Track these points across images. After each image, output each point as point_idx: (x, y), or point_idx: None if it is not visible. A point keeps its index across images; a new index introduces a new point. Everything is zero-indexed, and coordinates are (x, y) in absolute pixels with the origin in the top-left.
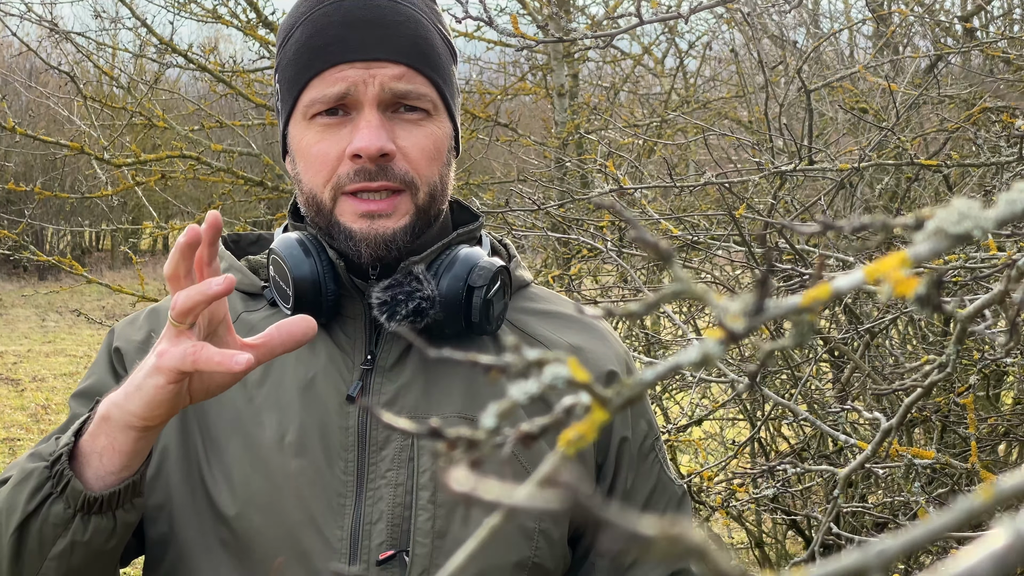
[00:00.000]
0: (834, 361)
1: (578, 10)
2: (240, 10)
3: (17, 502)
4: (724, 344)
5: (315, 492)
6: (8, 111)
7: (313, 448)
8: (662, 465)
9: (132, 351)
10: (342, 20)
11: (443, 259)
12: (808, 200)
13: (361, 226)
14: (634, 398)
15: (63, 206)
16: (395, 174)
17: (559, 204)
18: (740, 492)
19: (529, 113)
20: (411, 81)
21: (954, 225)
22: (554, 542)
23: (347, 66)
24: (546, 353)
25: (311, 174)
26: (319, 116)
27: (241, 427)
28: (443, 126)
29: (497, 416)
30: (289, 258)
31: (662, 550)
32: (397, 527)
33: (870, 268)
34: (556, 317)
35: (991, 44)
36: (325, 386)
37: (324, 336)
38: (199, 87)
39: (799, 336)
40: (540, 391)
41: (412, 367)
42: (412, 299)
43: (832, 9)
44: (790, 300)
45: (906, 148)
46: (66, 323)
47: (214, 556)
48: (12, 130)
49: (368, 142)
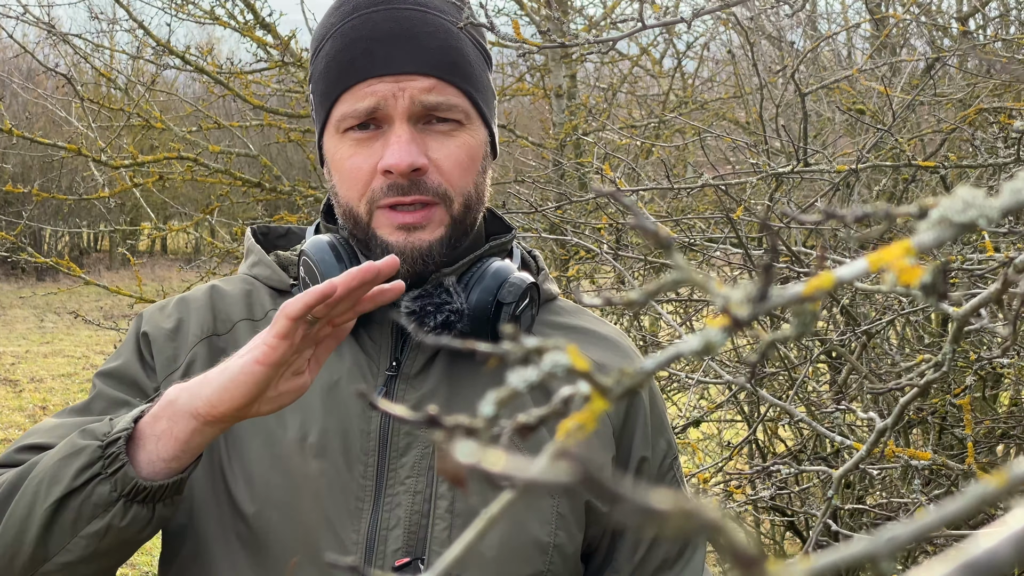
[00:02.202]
0: (831, 362)
1: (576, 11)
2: (238, 11)
3: (62, 475)
4: (727, 332)
5: (333, 494)
6: (5, 113)
7: (333, 450)
8: (680, 485)
9: (161, 338)
10: (370, 34)
11: (474, 272)
12: (805, 202)
13: (398, 239)
14: (634, 387)
15: (61, 207)
16: (428, 187)
17: (556, 206)
18: (737, 494)
19: (527, 114)
20: (442, 93)
21: (959, 213)
22: (568, 557)
23: (376, 81)
24: (545, 341)
25: (346, 188)
26: (351, 131)
27: (263, 425)
28: (477, 134)
29: (496, 404)
30: (321, 263)
31: (676, 525)
32: (413, 534)
33: (874, 257)
34: (581, 332)
35: (987, 45)
36: (348, 390)
37: (350, 340)
38: (196, 88)
39: (801, 326)
40: (540, 379)
41: (436, 375)
42: (441, 311)
43: (829, 10)
44: (793, 288)
45: (903, 149)
46: (64, 324)
47: (232, 551)
48: (9, 132)
49: (398, 159)
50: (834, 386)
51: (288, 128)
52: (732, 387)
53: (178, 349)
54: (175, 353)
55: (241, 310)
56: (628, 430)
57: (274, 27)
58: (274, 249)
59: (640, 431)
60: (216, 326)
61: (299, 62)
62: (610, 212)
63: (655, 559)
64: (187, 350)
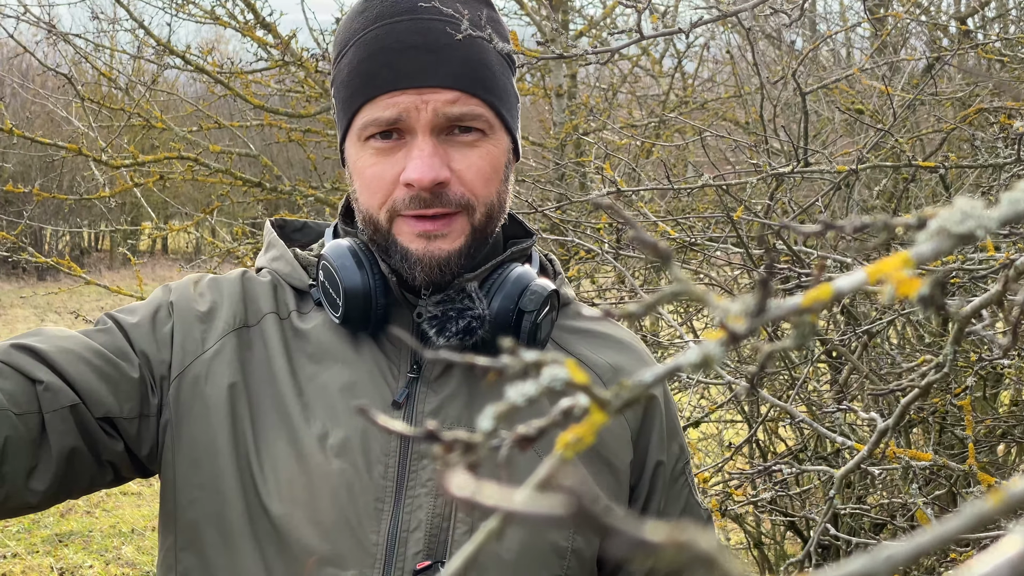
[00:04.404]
0: (832, 362)
1: (575, 11)
2: (238, 11)
3: None
4: (725, 345)
5: (353, 495)
6: (5, 112)
7: (353, 451)
8: (691, 489)
9: (190, 316)
10: (393, 45)
11: (495, 278)
12: (805, 201)
13: (418, 247)
14: (633, 400)
15: (61, 207)
16: (451, 200)
17: (556, 207)
18: (737, 494)
19: (527, 114)
20: (465, 104)
21: (957, 225)
22: (585, 561)
23: (399, 93)
24: (544, 355)
25: (367, 195)
26: (372, 139)
27: (289, 422)
28: (500, 143)
29: (494, 418)
30: (341, 269)
31: (669, 557)
32: (435, 537)
33: (872, 268)
34: (597, 336)
35: (987, 45)
36: (370, 391)
37: (371, 343)
38: (197, 87)
39: (800, 337)
40: (538, 393)
41: (457, 379)
42: (463, 317)
43: (828, 10)
44: (791, 301)
45: (903, 149)
46: (65, 324)
47: (256, 545)
48: (9, 132)
49: (421, 173)
50: (835, 386)
51: (288, 128)
52: (733, 387)
53: (207, 333)
54: (203, 336)
55: (269, 303)
56: (645, 434)
57: (274, 27)
58: (290, 242)
59: (656, 435)
60: (247, 316)
61: (299, 62)
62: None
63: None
64: (217, 337)
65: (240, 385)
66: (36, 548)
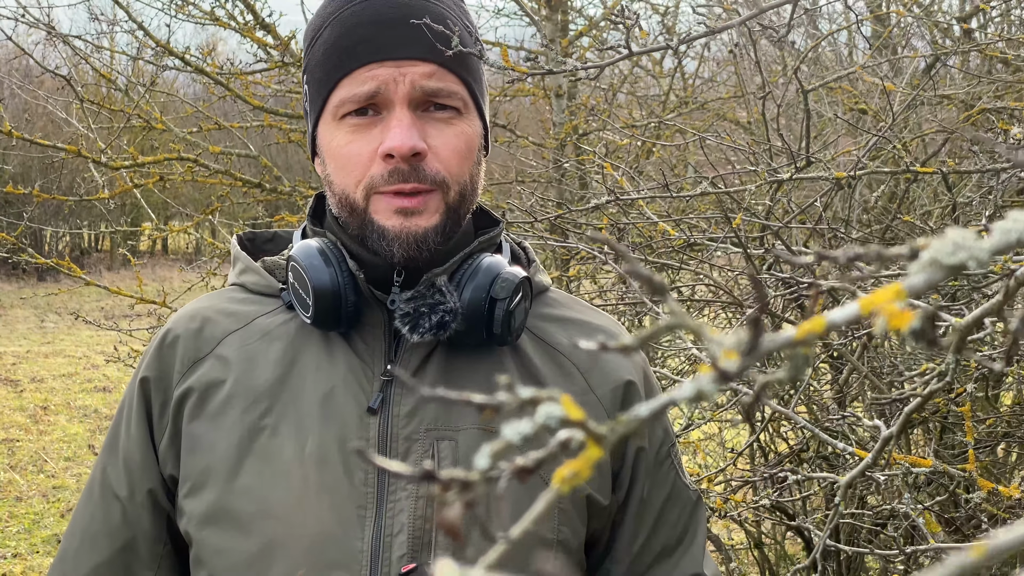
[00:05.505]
0: (832, 362)
1: (576, 12)
2: (238, 12)
3: None
4: (718, 382)
5: (335, 503)
6: (4, 114)
7: (332, 459)
8: (677, 471)
9: (160, 385)
10: (372, 19)
11: (465, 269)
12: (805, 202)
13: (395, 224)
14: (628, 434)
15: (61, 208)
16: (427, 175)
17: (556, 216)
18: (735, 499)
19: (527, 114)
20: (442, 79)
21: (949, 256)
22: (572, 552)
23: (377, 65)
24: (539, 392)
25: (343, 175)
26: (349, 116)
27: (254, 443)
28: (474, 125)
29: (491, 457)
30: (309, 268)
31: None
32: (418, 539)
33: (865, 300)
34: (575, 324)
35: (989, 45)
36: (345, 397)
37: (343, 345)
38: (197, 89)
39: (794, 369)
40: (534, 431)
41: (431, 378)
42: (436, 312)
43: (830, 10)
44: (784, 334)
45: (903, 155)
46: (65, 324)
47: (243, 566)
48: (8, 134)
49: (400, 141)
50: (835, 386)
51: (288, 128)
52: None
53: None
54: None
55: (222, 327)
56: None
57: (274, 28)
58: (262, 254)
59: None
60: (199, 349)
61: (299, 62)
62: (611, 212)
63: (654, 548)
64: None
65: (212, 410)
66: (37, 548)
